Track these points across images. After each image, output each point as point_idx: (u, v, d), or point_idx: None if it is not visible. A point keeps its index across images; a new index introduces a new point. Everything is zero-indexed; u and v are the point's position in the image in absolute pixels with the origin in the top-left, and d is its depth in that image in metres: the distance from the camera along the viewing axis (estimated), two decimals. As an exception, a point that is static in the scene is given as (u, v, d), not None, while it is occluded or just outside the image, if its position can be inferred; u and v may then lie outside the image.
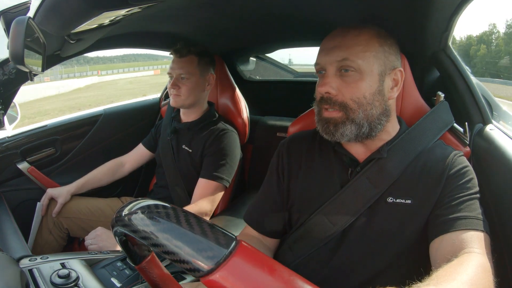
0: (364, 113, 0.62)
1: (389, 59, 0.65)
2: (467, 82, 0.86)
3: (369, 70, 0.62)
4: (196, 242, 0.28)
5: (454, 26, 0.82)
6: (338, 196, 0.68)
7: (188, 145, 1.22)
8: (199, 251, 0.27)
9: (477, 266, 0.49)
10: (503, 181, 0.64)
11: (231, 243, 0.28)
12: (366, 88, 0.62)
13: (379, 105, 0.63)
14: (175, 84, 1.15)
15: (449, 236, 0.56)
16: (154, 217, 0.31)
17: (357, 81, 0.62)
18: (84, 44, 0.96)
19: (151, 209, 0.32)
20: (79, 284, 0.58)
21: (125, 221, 0.33)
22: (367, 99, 0.62)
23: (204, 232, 0.29)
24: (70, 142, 1.40)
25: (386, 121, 0.66)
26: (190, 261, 0.27)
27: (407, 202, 0.63)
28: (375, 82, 0.63)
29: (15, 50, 0.66)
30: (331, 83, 0.63)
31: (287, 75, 2.21)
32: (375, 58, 0.62)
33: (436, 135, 0.71)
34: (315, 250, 0.69)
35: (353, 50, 0.62)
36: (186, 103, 1.19)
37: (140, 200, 0.35)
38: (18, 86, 1.18)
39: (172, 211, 0.32)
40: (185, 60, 1.16)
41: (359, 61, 0.61)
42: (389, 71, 0.65)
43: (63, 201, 1.18)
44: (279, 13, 0.97)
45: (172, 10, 0.93)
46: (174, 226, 0.30)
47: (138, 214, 0.32)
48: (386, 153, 0.66)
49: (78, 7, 0.57)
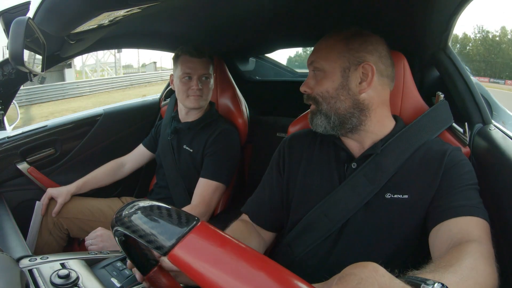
0: (328, 106, 0.70)
1: (355, 56, 0.68)
2: (466, 82, 0.86)
3: (331, 68, 0.69)
4: (163, 224, 0.32)
5: (454, 26, 0.82)
6: (335, 192, 0.69)
7: (189, 145, 1.22)
8: (164, 230, 0.32)
9: (478, 253, 0.49)
10: (503, 181, 0.64)
11: (192, 223, 0.32)
12: (329, 84, 0.69)
13: (344, 99, 0.69)
14: (198, 84, 1.14)
15: (448, 223, 0.57)
16: (147, 215, 0.34)
17: (321, 79, 0.70)
18: (84, 44, 0.96)
19: (146, 209, 0.35)
20: (79, 284, 0.58)
21: (125, 222, 0.34)
22: (329, 93, 0.69)
23: (170, 215, 0.33)
24: (70, 142, 1.40)
25: (363, 114, 0.69)
26: (157, 240, 0.31)
27: (404, 197, 0.65)
28: (338, 79, 0.69)
29: (15, 51, 0.66)
30: (308, 83, 0.73)
31: (287, 75, 2.20)
32: (338, 57, 0.69)
33: (434, 133, 0.71)
34: (314, 247, 0.70)
35: (319, 53, 0.72)
36: (206, 104, 1.21)
37: (139, 201, 0.36)
38: (18, 87, 1.18)
39: (165, 210, 0.35)
40: (204, 61, 1.16)
41: (322, 62, 0.70)
42: (354, 66, 0.68)
43: (63, 201, 1.17)
44: (279, 13, 0.97)
45: (171, 10, 0.93)
46: (152, 216, 0.34)
47: (138, 214, 0.34)
48: (380, 149, 0.68)
49: (77, 8, 0.57)
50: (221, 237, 0.31)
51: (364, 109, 0.69)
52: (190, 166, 1.21)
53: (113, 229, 0.36)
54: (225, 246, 0.30)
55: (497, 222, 0.62)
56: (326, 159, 0.75)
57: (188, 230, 0.31)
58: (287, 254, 0.73)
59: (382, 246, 0.65)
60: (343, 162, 0.72)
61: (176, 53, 1.18)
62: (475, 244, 0.51)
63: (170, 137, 1.26)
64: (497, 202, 0.64)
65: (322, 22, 1.01)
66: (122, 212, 0.35)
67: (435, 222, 0.59)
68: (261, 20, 1.07)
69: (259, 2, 0.88)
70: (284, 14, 0.99)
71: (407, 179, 0.66)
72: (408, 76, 0.80)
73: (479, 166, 0.71)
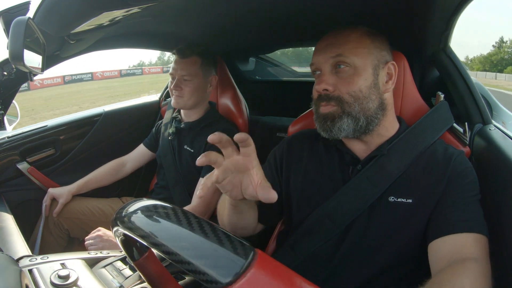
0: (360, 107, 0.64)
1: (381, 54, 0.67)
2: (467, 82, 0.86)
3: (363, 65, 0.64)
4: (212, 252, 0.26)
5: (454, 26, 0.82)
6: (338, 194, 0.68)
7: (190, 145, 1.21)
8: (216, 261, 0.26)
9: (476, 273, 0.50)
10: (503, 181, 0.64)
11: (250, 254, 0.26)
12: (362, 82, 0.64)
13: (375, 98, 0.65)
14: (177, 85, 1.14)
15: (447, 239, 0.57)
16: (163, 220, 0.30)
17: (352, 76, 0.64)
18: (84, 44, 0.96)
19: (158, 211, 0.31)
20: (79, 284, 0.58)
21: (126, 223, 0.32)
22: (363, 92, 0.64)
23: (220, 240, 0.27)
24: (70, 142, 1.40)
25: (382, 115, 0.67)
26: (207, 273, 0.25)
27: (408, 201, 0.63)
28: (370, 76, 0.65)
29: (15, 51, 0.66)
30: (328, 80, 0.65)
31: (287, 75, 2.20)
32: (368, 53, 0.65)
33: (436, 134, 0.71)
34: (316, 249, 0.69)
35: (346, 46, 0.65)
36: (188, 104, 1.18)
37: (144, 200, 0.34)
38: (18, 86, 1.18)
39: (182, 214, 0.30)
40: (188, 61, 1.15)
41: (353, 57, 0.64)
42: (382, 65, 0.67)
43: (65, 201, 1.18)
44: (279, 12, 0.97)
45: (171, 10, 0.93)
46: (187, 233, 0.28)
47: (146, 216, 0.31)
48: (387, 151, 0.67)
49: (77, 8, 0.57)
50: (283, 272, 0.27)
51: (384, 109, 0.67)
52: (190, 166, 1.20)
53: (113, 229, 0.35)
54: (290, 283, 0.26)
55: (497, 222, 0.61)
56: (329, 161, 0.73)
57: (247, 263, 0.26)
58: (290, 256, 0.72)
59: (385, 250, 0.64)
60: (348, 164, 0.71)
61: (173, 52, 1.20)
62: (473, 263, 0.52)
63: (171, 137, 1.26)
64: (497, 202, 0.64)
65: (322, 22, 1.01)
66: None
67: (435, 235, 0.59)
68: (261, 20, 1.07)
69: (259, 2, 0.88)
70: (284, 14, 0.99)
71: (411, 183, 0.65)
72: (408, 76, 0.79)
73: (479, 166, 0.71)
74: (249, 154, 0.48)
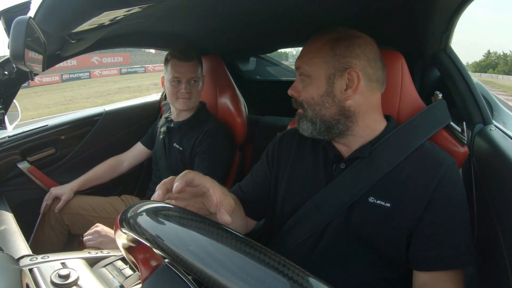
0: (313, 112, 0.69)
1: (341, 62, 0.65)
2: (467, 82, 0.86)
3: (316, 75, 0.67)
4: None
5: (455, 26, 0.82)
6: (320, 192, 0.69)
7: (179, 143, 1.25)
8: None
9: None
10: (503, 181, 0.64)
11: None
12: (314, 91, 0.68)
13: (329, 106, 0.67)
14: (187, 88, 1.18)
15: (425, 274, 0.61)
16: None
17: (307, 85, 0.69)
18: (85, 44, 0.96)
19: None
20: (79, 283, 0.58)
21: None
22: (315, 100, 0.68)
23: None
24: (70, 142, 1.41)
25: (349, 121, 0.67)
26: None
27: (386, 205, 0.63)
28: (323, 85, 0.67)
29: (16, 50, 0.66)
30: (296, 87, 0.72)
31: (287, 75, 2.20)
32: (323, 62, 0.67)
33: (428, 133, 0.69)
34: (294, 247, 0.70)
35: (304, 58, 0.70)
36: (196, 105, 1.24)
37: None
38: (19, 86, 1.18)
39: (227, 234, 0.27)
40: (193, 64, 1.19)
41: (307, 68, 0.69)
42: (339, 73, 0.65)
43: (67, 198, 1.22)
44: (279, 12, 0.97)
45: (172, 10, 0.93)
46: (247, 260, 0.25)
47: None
48: (369, 153, 0.66)
49: (78, 7, 0.57)
50: None
51: (350, 115, 0.67)
52: (179, 164, 1.24)
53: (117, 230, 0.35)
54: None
55: (497, 222, 0.61)
56: (315, 158, 0.74)
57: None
58: (280, 246, 0.73)
59: (362, 251, 0.64)
60: (331, 162, 0.71)
61: (166, 56, 1.21)
62: None
63: (163, 135, 1.30)
64: (497, 203, 0.64)
65: (322, 22, 1.01)
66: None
67: (411, 264, 0.62)
68: (261, 20, 1.07)
69: (259, 2, 0.88)
70: (284, 14, 0.99)
71: (393, 186, 0.63)
72: (406, 76, 0.78)
73: (480, 167, 0.71)
74: (198, 184, 0.53)
